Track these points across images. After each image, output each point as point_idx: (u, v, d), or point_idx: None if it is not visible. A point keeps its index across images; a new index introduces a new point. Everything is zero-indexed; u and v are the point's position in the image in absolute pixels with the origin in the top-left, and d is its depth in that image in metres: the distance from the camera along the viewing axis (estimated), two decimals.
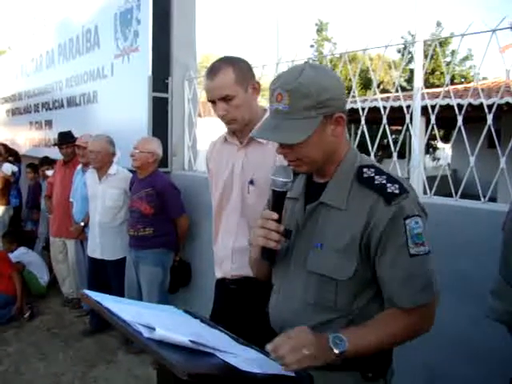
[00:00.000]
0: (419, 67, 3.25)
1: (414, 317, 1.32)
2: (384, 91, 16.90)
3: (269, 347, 1.23)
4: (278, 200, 1.40)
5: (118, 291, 4.12)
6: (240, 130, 2.01)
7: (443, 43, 19.79)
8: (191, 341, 1.17)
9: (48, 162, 6.17)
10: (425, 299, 1.31)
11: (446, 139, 16.81)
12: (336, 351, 1.23)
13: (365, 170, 1.37)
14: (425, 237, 1.32)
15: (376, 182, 1.33)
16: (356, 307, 1.36)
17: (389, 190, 1.31)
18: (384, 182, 1.33)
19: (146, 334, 1.17)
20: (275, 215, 1.37)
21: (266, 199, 1.61)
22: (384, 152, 16.00)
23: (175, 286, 4.09)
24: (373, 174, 1.35)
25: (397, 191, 1.31)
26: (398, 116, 2.87)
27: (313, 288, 1.38)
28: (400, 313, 1.32)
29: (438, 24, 22.73)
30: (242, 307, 2.01)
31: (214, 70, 1.92)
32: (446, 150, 15.42)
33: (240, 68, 1.94)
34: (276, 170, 1.40)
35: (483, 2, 56.66)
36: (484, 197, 2.46)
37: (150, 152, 3.89)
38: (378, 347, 1.32)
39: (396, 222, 1.29)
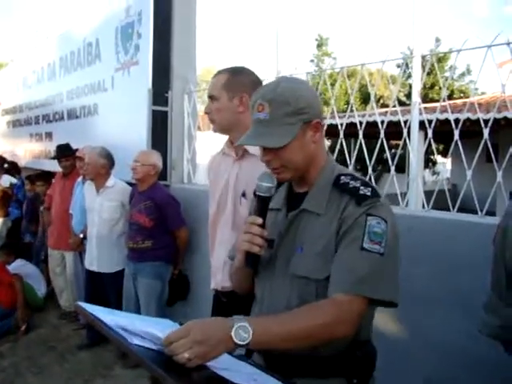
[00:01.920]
0: (417, 82, 3.28)
1: (340, 311, 1.27)
2: (384, 106, 16.99)
3: (162, 341, 1.17)
4: (262, 205, 1.43)
5: (116, 304, 4.10)
6: (222, 133, 2.12)
7: (442, 59, 19.90)
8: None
9: (43, 177, 6.20)
10: (360, 291, 1.28)
11: (445, 153, 16.85)
12: (237, 341, 1.17)
13: (342, 177, 1.43)
14: (384, 240, 1.32)
15: (350, 186, 1.40)
16: None
17: (361, 192, 1.37)
18: (358, 185, 1.39)
19: (134, 341, 1.18)
20: (259, 220, 1.40)
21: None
22: (384, 166, 16.03)
23: (173, 299, 4.08)
24: (348, 180, 1.42)
25: (368, 194, 1.37)
26: (397, 130, 2.89)
27: (295, 292, 1.40)
28: (329, 305, 1.29)
29: (437, 40, 22.89)
30: None
31: (217, 72, 2.09)
32: (445, 164, 15.46)
33: (235, 77, 2.03)
34: (261, 175, 1.45)
35: (484, 18, 57.14)
36: (481, 211, 2.46)
37: (151, 165, 3.90)
38: (287, 340, 1.24)
39: (359, 219, 1.33)
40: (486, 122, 2.54)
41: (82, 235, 4.66)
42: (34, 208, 6.51)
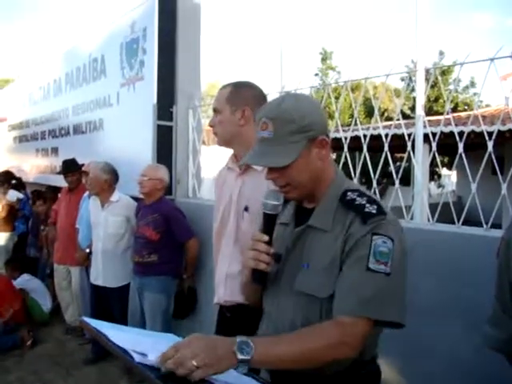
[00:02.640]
0: (421, 95, 3.29)
1: (344, 333, 1.26)
2: (388, 119, 17.01)
3: (157, 359, 1.16)
4: (268, 222, 1.43)
5: (121, 318, 4.09)
6: (225, 146, 2.13)
7: (446, 71, 19.96)
8: None
9: (43, 196, 6.26)
10: (365, 312, 1.27)
11: (450, 166, 16.82)
12: (240, 357, 1.17)
13: (349, 193, 1.42)
14: (390, 260, 1.30)
15: (356, 203, 1.38)
16: None
17: (366, 210, 1.35)
18: (364, 202, 1.37)
19: (137, 359, 1.17)
20: (266, 237, 1.40)
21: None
22: (389, 179, 16.00)
23: (184, 312, 4.08)
24: (355, 197, 1.40)
25: (374, 211, 1.35)
26: (402, 143, 2.89)
27: (300, 309, 1.40)
28: (333, 327, 1.28)
29: (441, 53, 22.97)
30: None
31: (222, 86, 2.13)
32: (450, 177, 15.42)
33: (237, 91, 2.06)
34: (267, 193, 1.45)
35: (488, 30, 57.35)
36: (486, 223, 2.46)
37: (158, 179, 3.92)
38: (290, 360, 1.24)
39: (365, 238, 1.32)
40: (491, 134, 2.54)
41: (88, 250, 4.66)
42: (39, 223, 6.55)
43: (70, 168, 5.12)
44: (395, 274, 1.30)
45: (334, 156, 17.05)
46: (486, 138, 2.52)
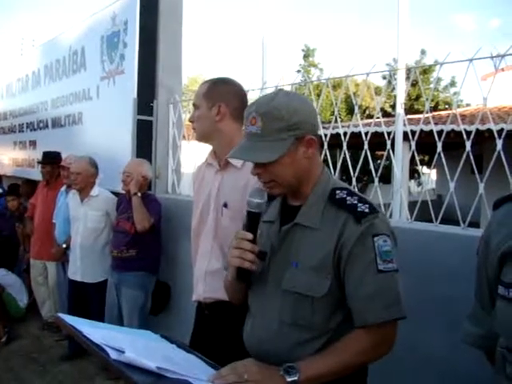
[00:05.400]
0: (401, 94, 3.31)
1: (376, 337, 1.33)
2: (370, 116, 17.12)
3: (211, 377, 1.26)
4: (252, 220, 1.43)
5: (98, 314, 4.05)
6: (202, 141, 2.15)
7: (427, 70, 20.14)
8: (158, 367, 1.17)
9: (15, 191, 6.17)
10: (391, 315, 1.32)
11: (430, 164, 17.00)
12: (288, 379, 1.26)
13: (337, 191, 1.43)
14: (393, 256, 1.35)
15: (348, 203, 1.39)
16: (331, 327, 1.38)
17: (359, 209, 1.37)
18: (355, 202, 1.39)
19: (113, 355, 1.17)
20: (250, 235, 1.40)
21: (239, 222, 1.64)
22: (370, 177, 16.11)
23: (157, 308, 4.05)
24: (345, 195, 1.41)
25: (367, 210, 1.36)
26: (383, 141, 2.90)
27: (289, 307, 1.40)
28: (362, 334, 1.33)
29: (423, 52, 23.19)
30: (217, 332, 2.01)
31: (202, 82, 2.16)
32: (430, 175, 15.59)
33: (215, 87, 2.07)
34: (251, 191, 1.45)
35: (470, 32, 58.09)
36: (464, 222, 2.48)
37: (143, 175, 3.89)
38: (333, 374, 1.32)
39: (365, 240, 1.33)
40: (470, 133, 2.56)
41: (65, 245, 4.61)
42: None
43: (50, 158, 5.05)
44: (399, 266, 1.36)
45: None
46: (465, 137, 2.54)
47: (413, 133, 2.78)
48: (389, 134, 2.92)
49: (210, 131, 2.07)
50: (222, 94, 2.06)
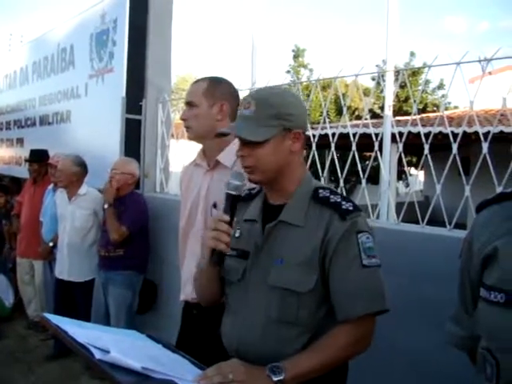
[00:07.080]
0: (389, 95, 3.33)
1: (357, 331, 1.37)
2: (359, 117, 17.18)
3: (197, 378, 1.27)
4: (230, 203, 1.44)
5: (85, 313, 4.04)
6: (197, 141, 2.12)
7: (416, 73, 20.25)
8: (143, 367, 1.17)
9: (1, 188, 6.10)
10: (376, 307, 1.37)
11: (418, 166, 17.11)
12: (274, 379, 1.28)
13: (320, 190, 1.48)
14: (375, 252, 1.41)
15: (331, 201, 1.44)
16: (315, 323, 1.40)
17: (343, 207, 1.42)
18: (339, 200, 1.44)
19: (97, 355, 1.17)
20: (226, 217, 1.42)
21: None
22: (358, 177, 16.19)
23: (144, 307, 4.04)
24: (328, 194, 1.46)
25: (351, 208, 1.42)
26: (371, 142, 2.92)
27: (276, 303, 1.42)
28: (345, 329, 1.37)
29: (412, 54, 23.28)
30: (204, 332, 2.00)
31: (196, 80, 2.12)
32: (417, 176, 15.69)
33: (215, 85, 2.04)
34: (231, 174, 1.48)
35: (460, 35, 58.49)
36: (450, 224, 2.50)
37: (131, 173, 3.87)
38: (318, 371, 1.36)
39: (350, 236, 1.39)
40: (457, 135, 2.59)
41: (51, 244, 4.58)
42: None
43: (36, 157, 5.01)
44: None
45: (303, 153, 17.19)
46: (451, 139, 2.56)
47: (401, 134, 2.80)
48: (377, 135, 2.94)
49: (208, 130, 2.02)
50: (224, 93, 2.05)
